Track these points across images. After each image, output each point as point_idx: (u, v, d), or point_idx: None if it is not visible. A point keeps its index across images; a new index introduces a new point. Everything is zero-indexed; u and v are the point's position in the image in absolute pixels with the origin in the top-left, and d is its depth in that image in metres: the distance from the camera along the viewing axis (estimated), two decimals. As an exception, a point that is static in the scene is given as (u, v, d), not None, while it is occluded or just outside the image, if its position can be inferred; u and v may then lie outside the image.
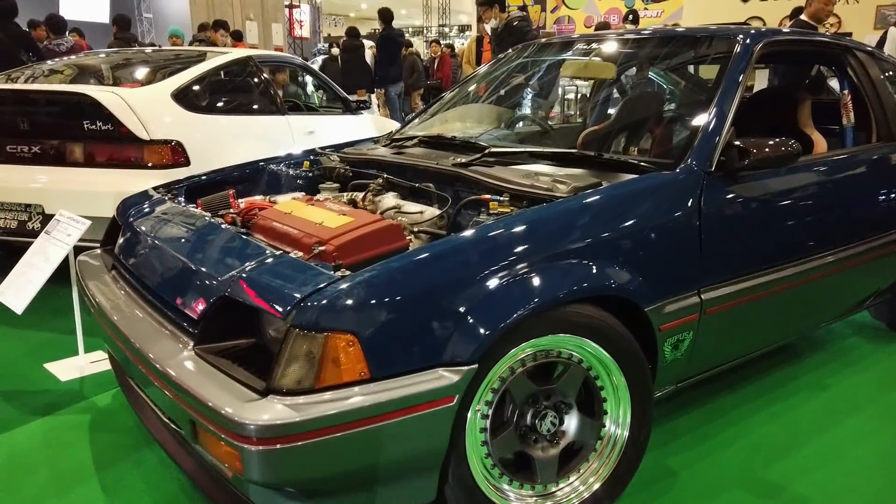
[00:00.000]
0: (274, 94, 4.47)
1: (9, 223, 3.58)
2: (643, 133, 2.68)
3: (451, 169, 2.17)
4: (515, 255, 1.58)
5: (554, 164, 2.16)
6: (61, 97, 3.60)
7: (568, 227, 1.69)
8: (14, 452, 2.12)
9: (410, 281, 1.47)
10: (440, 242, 1.60)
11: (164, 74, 4.09)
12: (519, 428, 1.66)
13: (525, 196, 1.89)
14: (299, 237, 1.80)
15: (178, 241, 1.90)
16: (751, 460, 2.10)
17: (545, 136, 3.11)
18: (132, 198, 2.38)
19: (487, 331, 1.47)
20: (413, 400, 1.40)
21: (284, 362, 1.37)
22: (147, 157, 3.47)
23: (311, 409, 1.33)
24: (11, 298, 2.52)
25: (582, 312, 1.66)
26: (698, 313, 1.91)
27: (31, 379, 2.61)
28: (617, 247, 1.74)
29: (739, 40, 2.29)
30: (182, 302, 1.68)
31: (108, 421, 2.31)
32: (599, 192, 1.82)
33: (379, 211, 2.20)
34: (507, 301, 1.52)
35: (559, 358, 1.67)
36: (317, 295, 1.40)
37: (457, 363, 1.45)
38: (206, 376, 1.45)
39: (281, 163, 2.74)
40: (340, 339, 1.36)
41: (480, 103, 3.35)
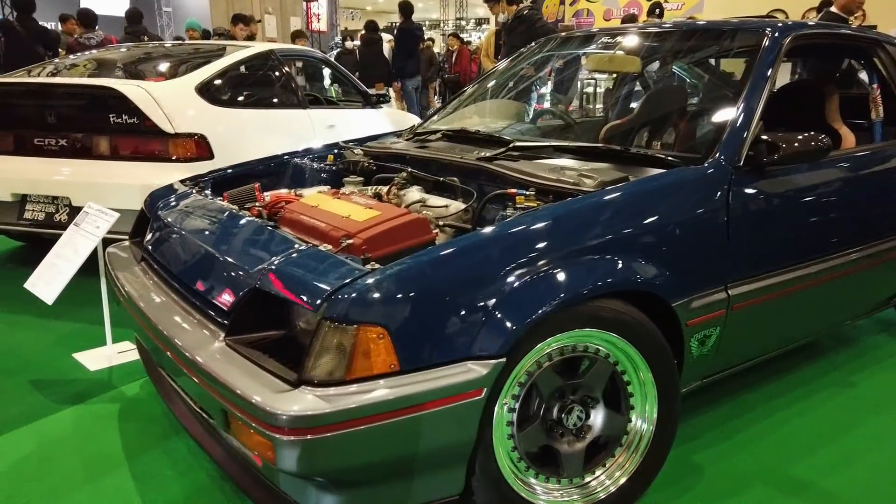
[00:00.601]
0: (295, 88, 4.50)
1: (36, 215, 3.63)
2: (667, 127, 2.66)
3: (475, 163, 2.17)
4: (543, 250, 1.58)
5: (578, 158, 2.15)
6: (87, 91, 3.65)
7: (595, 221, 1.69)
8: (45, 440, 2.16)
9: (439, 274, 1.47)
10: (468, 236, 1.60)
11: (187, 68, 4.12)
12: (545, 422, 1.67)
13: (551, 190, 1.89)
14: (327, 230, 1.81)
15: (207, 233, 1.93)
16: (777, 457, 2.09)
17: (567, 130, 3.10)
18: (160, 191, 2.41)
19: (515, 325, 1.48)
20: (442, 392, 1.40)
21: (316, 354, 1.38)
22: (172, 150, 3.50)
23: (342, 401, 1.34)
24: (42, 289, 2.57)
25: (609, 307, 1.66)
26: (725, 309, 1.90)
27: (61, 368, 2.65)
28: (644, 242, 1.74)
29: (768, 33, 2.26)
30: (212, 293, 1.70)
31: (137, 410, 2.34)
32: (627, 186, 1.81)
33: (403, 204, 2.21)
34: (535, 295, 1.52)
35: (586, 353, 1.67)
36: (347, 288, 1.41)
37: (485, 356, 1.46)
38: (238, 367, 1.47)
39: (305, 156, 2.76)
40: (371, 331, 1.37)
41: (502, 98, 3.35)
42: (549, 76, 4.17)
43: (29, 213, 3.64)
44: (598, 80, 8.18)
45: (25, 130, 3.66)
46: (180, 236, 1.99)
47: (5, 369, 2.64)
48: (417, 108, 8.23)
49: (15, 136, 3.69)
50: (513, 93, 3.58)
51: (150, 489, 1.91)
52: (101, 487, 1.93)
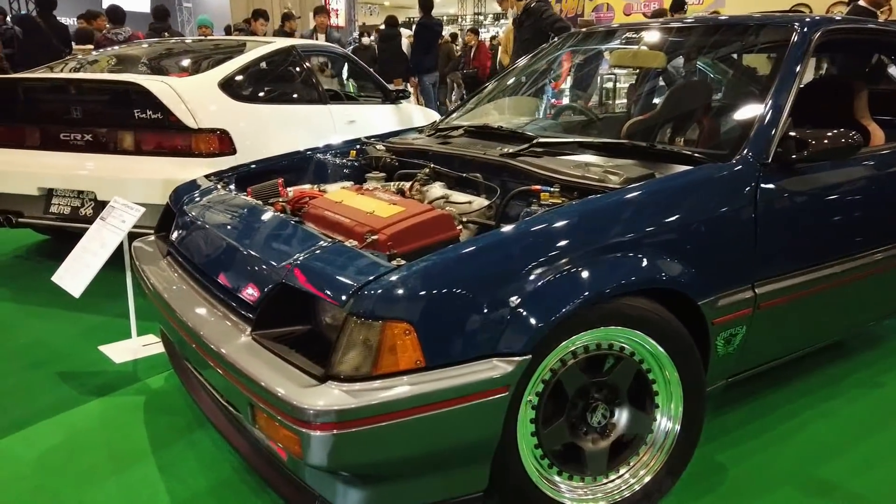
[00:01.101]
0: (316, 84, 4.51)
1: (62, 209, 3.68)
2: (691, 123, 2.64)
3: (499, 159, 2.16)
4: (568, 247, 1.57)
5: (602, 154, 2.14)
6: (112, 86, 3.68)
7: (621, 218, 1.68)
8: (72, 432, 2.19)
9: (465, 271, 1.47)
10: (494, 233, 1.60)
11: (209, 64, 4.15)
12: (570, 420, 1.66)
13: (576, 187, 1.88)
14: (351, 226, 1.82)
15: (232, 228, 1.94)
16: (803, 457, 2.07)
17: (590, 126, 3.08)
18: (185, 186, 2.43)
19: (541, 322, 1.47)
20: (467, 389, 1.40)
21: (342, 349, 1.39)
22: (195, 145, 3.53)
23: (369, 396, 1.34)
24: (69, 282, 2.60)
25: (635, 305, 1.65)
26: (752, 307, 1.88)
27: (87, 360, 2.69)
28: (670, 239, 1.72)
29: (797, 28, 2.23)
30: (238, 288, 1.71)
31: (162, 402, 2.37)
32: (653, 183, 1.80)
33: (426, 200, 2.21)
34: (560, 292, 1.51)
35: (611, 351, 1.66)
36: (374, 284, 1.41)
37: (510, 354, 1.45)
38: (265, 361, 1.48)
39: (327, 152, 2.77)
40: (397, 327, 1.38)
41: (523, 95, 3.33)
42: (570, 72, 4.15)
43: (55, 207, 3.69)
44: (618, 75, 8.14)
45: (52, 125, 3.71)
46: (206, 231, 2.01)
47: (33, 361, 2.68)
48: (435, 104, 8.20)
49: (42, 131, 3.74)
50: (534, 89, 3.56)
51: (176, 481, 1.94)
52: (129, 479, 1.95)
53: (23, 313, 3.18)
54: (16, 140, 3.79)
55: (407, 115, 5.46)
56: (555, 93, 5.39)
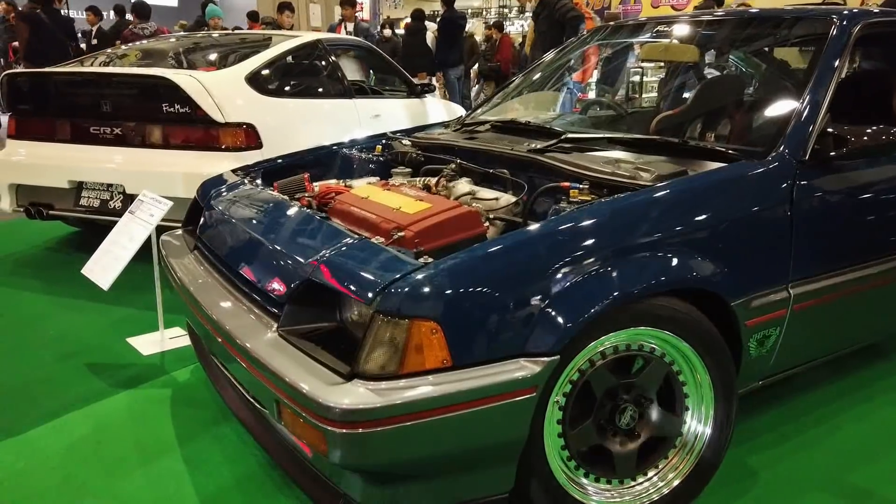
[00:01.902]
0: (342, 78, 4.51)
1: (92, 202, 3.73)
2: (722, 119, 2.58)
3: (526, 155, 2.13)
4: (598, 245, 1.54)
5: (632, 150, 2.10)
6: (141, 80, 3.72)
7: (652, 216, 1.64)
8: (100, 423, 2.21)
9: (493, 269, 1.45)
10: (522, 231, 1.57)
11: (236, 58, 4.17)
12: (597, 421, 1.64)
13: (606, 184, 1.85)
14: (378, 222, 1.80)
15: (259, 223, 1.94)
16: (836, 462, 2.02)
17: (619, 121, 3.03)
18: (212, 180, 2.44)
19: (570, 322, 1.45)
20: (494, 389, 1.39)
21: (368, 348, 1.38)
22: (222, 139, 3.55)
23: (395, 395, 1.33)
24: (98, 275, 2.63)
25: (666, 305, 1.61)
26: (787, 309, 1.83)
27: (115, 352, 2.72)
28: (703, 238, 1.68)
29: (836, 21, 2.16)
30: (265, 283, 1.71)
31: (188, 395, 2.39)
32: (685, 180, 1.76)
33: (453, 197, 2.19)
34: (590, 292, 1.49)
35: (641, 352, 1.63)
36: (401, 282, 1.40)
37: (538, 354, 1.43)
38: (291, 358, 1.48)
39: (353, 147, 2.76)
40: (424, 326, 1.36)
41: (550, 89, 3.29)
42: (597, 66, 4.09)
43: (85, 199, 3.74)
44: (645, 69, 8.01)
45: (82, 119, 3.76)
46: (232, 225, 2.01)
47: (63, 353, 2.72)
48: (460, 98, 8.14)
49: (72, 125, 3.79)
50: (561, 84, 3.52)
51: (201, 474, 1.95)
52: (155, 471, 1.97)
53: (53, 305, 3.22)
54: (47, 133, 3.85)
55: (432, 110, 5.44)
56: (582, 87, 5.32)
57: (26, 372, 2.56)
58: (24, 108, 3.91)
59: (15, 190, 3.90)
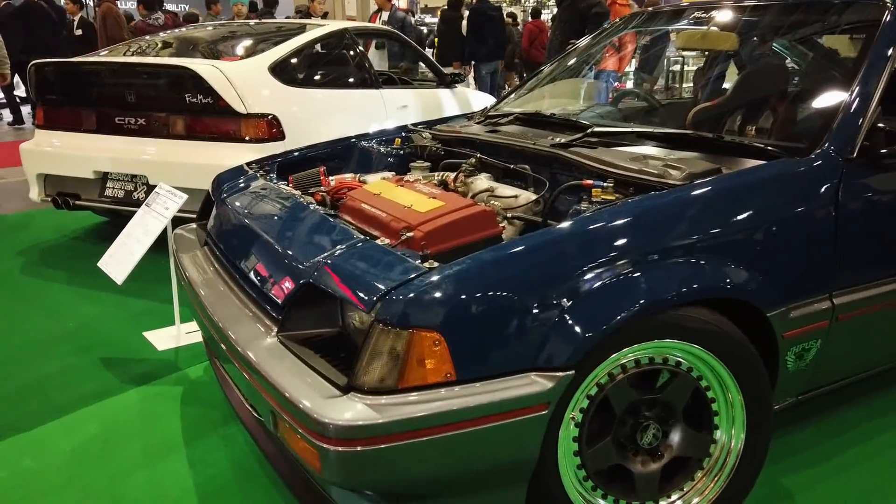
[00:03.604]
0: (368, 67, 4.42)
1: (116, 192, 3.73)
2: (763, 112, 2.41)
3: (548, 150, 2.01)
4: (621, 250, 1.42)
5: (663, 145, 1.96)
6: (164, 70, 3.69)
7: (682, 219, 1.51)
8: (109, 421, 2.18)
9: (504, 276, 1.34)
10: (538, 234, 1.46)
11: (261, 48, 4.11)
12: (617, 439, 1.52)
13: (632, 182, 1.72)
14: (387, 221, 1.71)
15: (266, 221, 1.86)
16: (879, 484, 1.86)
17: (651, 113, 2.87)
18: (226, 174, 2.37)
19: (587, 333, 1.34)
20: (502, 406, 1.28)
21: (367, 359, 1.29)
22: (244, 130, 3.50)
23: (394, 411, 1.24)
24: (113, 268, 2.60)
25: (695, 316, 1.48)
26: (829, 319, 1.69)
27: (130, 347, 2.69)
28: (738, 243, 1.54)
29: (890, 7, 1.98)
30: (267, 285, 1.63)
31: (199, 394, 2.34)
32: (719, 179, 1.62)
33: (471, 193, 2.08)
34: (611, 302, 1.37)
35: (665, 365, 1.51)
36: (403, 288, 1.30)
37: (552, 368, 1.32)
38: (287, 366, 1.40)
39: (372, 140, 2.67)
40: (426, 337, 1.26)
41: (580, 79, 3.15)
42: (633, 55, 3.93)
43: (109, 190, 3.74)
44: (685, 58, 7.73)
45: (107, 109, 3.75)
46: (240, 223, 1.94)
47: (79, 346, 2.70)
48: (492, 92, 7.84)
49: (98, 115, 3.78)
50: (591, 73, 3.37)
51: (203, 477, 1.89)
52: (158, 472, 1.92)
53: (74, 296, 3.22)
54: (74, 123, 3.85)
55: (462, 100, 5.31)
56: (616, 76, 5.13)
57: (42, 365, 2.55)
58: (52, 98, 3.92)
59: (43, 180, 3.92)
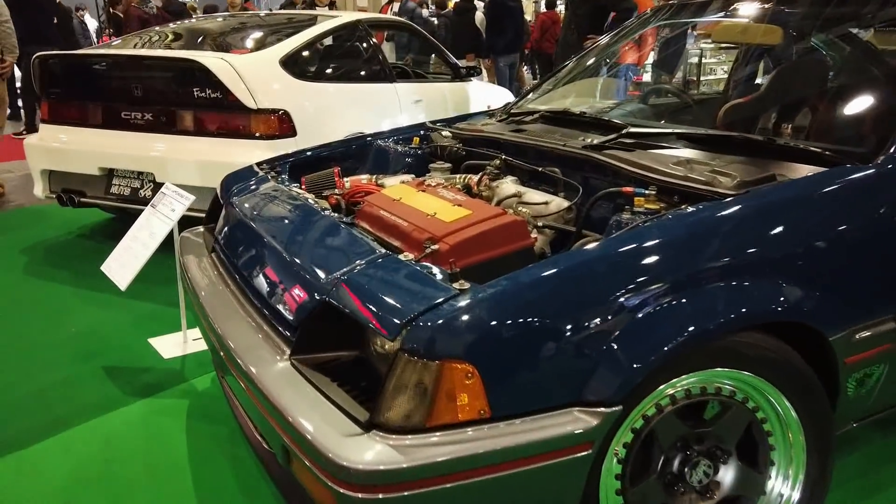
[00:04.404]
0: (382, 60, 4.27)
1: (122, 190, 3.60)
2: (802, 110, 2.26)
3: (581, 151, 1.86)
4: (672, 270, 1.27)
5: (701, 147, 1.80)
6: (172, 63, 3.55)
7: (738, 235, 1.36)
8: (110, 439, 2.05)
9: (544, 300, 1.20)
10: (579, 252, 1.31)
11: (272, 40, 3.97)
12: (664, 476, 1.38)
13: (677, 190, 1.57)
14: (409, 231, 1.57)
15: (278, 229, 1.72)
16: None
17: (683, 110, 2.71)
18: (235, 175, 2.24)
19: (636, 364, 1.19)
20: (543, 447, 1.15)
21: (391, 393, 1.15)
22: (254, 126, 3.36)
23: (421, 453, 1.10)
24: (116, 273, 2.48)
25: (751, 342, 1.34)
26: (893, 342, 1.53)
27: (135, 354, 2.57)
28: (798, 260, 1.39)
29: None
30: (278, 301, 1.50)
31: (206, 408, 2.21)
32: (776, 189, 1.47)
33: (496, 198, 1.94)
34: (662, 328, 1.22)
35: (718, 396, 1.36)
36: (431, 313, 1.16)
37: (596, 403, 1.18)
38: (302, 397, 1.26)
39: (389, 138, 2.52)
40: (458, 369, 1.12)
41: (607, 75, 2.99)
42: (655, 49, 3.76)
43: (115, 187, 3.62)
44: (706, 51, 7.50)
45: (113, 104, 3.62)
46: (249, 230, 1.80)
47: (82, 353, 2.58)
48: (508, 85, 7.66)
49: (104, 109, 3.66)
50: (617, 68, 3.21)
51: (210, 502, 1.77)
52: (162, 496, 1.80)
53: (78, 299, 3.10)
54: (79, 118, 3.73)
55: (477, 94, 5.16)
56: (637, 69, 4.95)
57: (43, 374, 2.43)
58: (57, 92, 3.79)
59: (48, 176, 3.80)
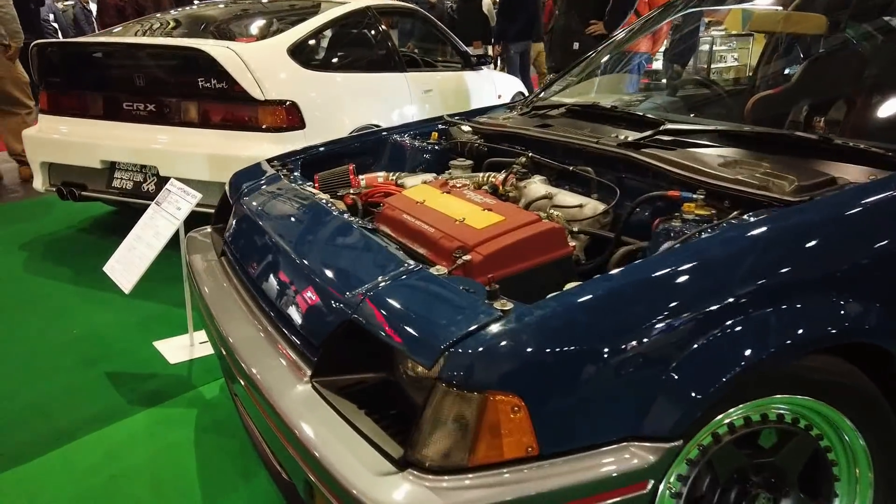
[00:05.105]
0: (392, 49, 4.13)
1: (125, 184, 3.48)
2: (837, 102, 2.13)
3: (618, 150, 1.73)
4: (738, 288, 1.15)
5: (745, 145, 1.67)
6: (175, 52, 3.42)
7: (806, 247, 1.23)
8: (115, 452, 1.94)
9: (599, 323, 1.08)
10: (635, 268, 1.18)
11: (279, 28, 3.83)
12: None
13: (728, 195, 1.44)
14: (436, 238, 1.45)
15: (293, 236, 1.60)
16: None
17: (716, 102, 2.58)
18: (244, 172, 2.12)
19: (699, 394, 1.08)
20: (596, 487, 1.03)
21: (427, 428, 1.03)
22: (261, 118, 3.23)
23: (463, 496, 0.99)
24: (120, 275, 2.36)
25: (818, 366, 1.22)
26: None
27: (140, 359, 2.46)
28: (868, 275, 1.26)
29: None
30: (298, 316, 1.38)
31: (215, 418, 2.10)
32: (844, 195, 1.33)
33: (525, 200, 1.82)
34: (726, 354, 1.10)
35: (781, 423, 1.24)
36: (473, 339, 1.04)
37: (654, 438, 1.06)
38: (327, 426, 1.15)
39: (405, 133, 2.39)
40: (503, 401, 1.01)
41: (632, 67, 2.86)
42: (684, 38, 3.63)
43: (118, 181, 3.50)
44: (713, 38, 7.34)
45: (114, 94, 3.49)
46: (262, 236, 1.68)
47: (86, 358, 2.47)
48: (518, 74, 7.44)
49: (105, 100, 3.53)
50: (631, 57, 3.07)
51: (224, 526, 1.67)
52: (172, 518, 1.70)
53: (80, 297, 2.99)
54: (79, 108, 3.60)
55: (489, 83, 5.03)
56: (649, 57, 4.81)
57: (44, 381, 2.32)
58: (56, 82, 3.66)
59: (47, 168, 3.68)
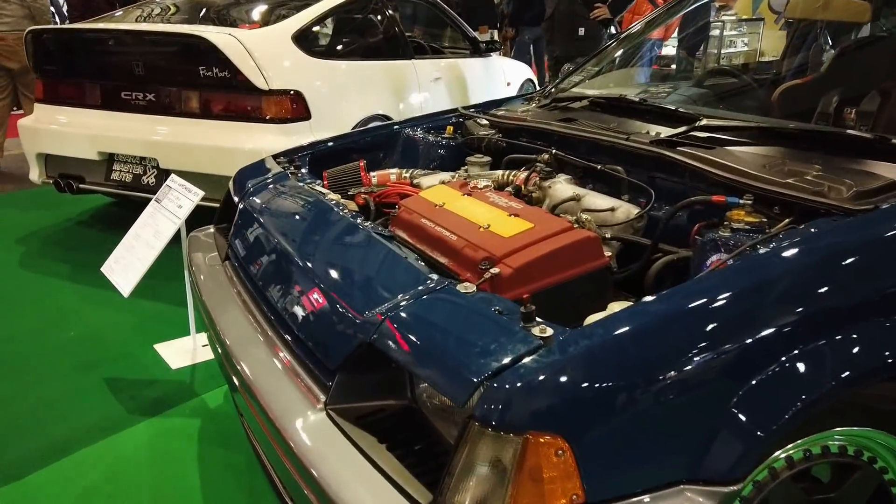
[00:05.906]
0: (400, 35, 3.98)
1: (124, 176, 3.37)
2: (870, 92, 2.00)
3: (652, 149, 1.61)
4: (803, 311, 1.03)
5: (790, 143, 1.55)
6: (175, 39, 3.28)
7: (875, 264, 1.11)
8: (115, 467, 1.84)
9: (651, 355, 0.96)
10: (689, 289, 1.06)
11: (283, 13, 3.69)
12: (775, 551, 1.15)
13: (778, 200, 1.32)
14: (459, 248, 1.33)
15: (304, 244, 1.48)
16: None
17: (748, 94, 2.44)
18: (249, 169, 2.00)
19: (760, 432, 0.96)
20: (648, 538, 0.92)
21: (460, 472, 0.92)
22: (265, 108, 3.10)
23: (501, 552, 0.88)
24: (119, 276, 2.25)
25: (880, 395, 1.10)
26: None
27: (141, 363, 2.35)
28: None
29: None
30: (311, 339, 1.26)
31: (220, 429, 1.99)
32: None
33: (550, 202, 1.70)
34: (790, 387, 0.99)
35: (842, 456, 1.13)
36: (511, 373, 0.92)
37: (711, 481, 0.95)
38: (345, 464, 1.04)
39: (418, 127, 2.26)
40: (546, 443, 0.89)
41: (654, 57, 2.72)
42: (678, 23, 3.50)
43: (116, 173, 3.38)
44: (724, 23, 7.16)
45: (113, 83, 3.36)
46: (269, 242, 1.56)
47: (84, 362, 2.37)
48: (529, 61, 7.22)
49: (103, 89, 3.40)
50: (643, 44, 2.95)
51: (230, 550, 1.57)
52: (175, 540, 1.60)
53: (77, 296, 2.88)
54: (76, 98, 3.47)
55: (499, 71, 4.89)
56: (661, 43, 4.68)
57: (40, 388, 2.22)
58: (52, 70, 3.53)
59: (44, 160, 3.56)
